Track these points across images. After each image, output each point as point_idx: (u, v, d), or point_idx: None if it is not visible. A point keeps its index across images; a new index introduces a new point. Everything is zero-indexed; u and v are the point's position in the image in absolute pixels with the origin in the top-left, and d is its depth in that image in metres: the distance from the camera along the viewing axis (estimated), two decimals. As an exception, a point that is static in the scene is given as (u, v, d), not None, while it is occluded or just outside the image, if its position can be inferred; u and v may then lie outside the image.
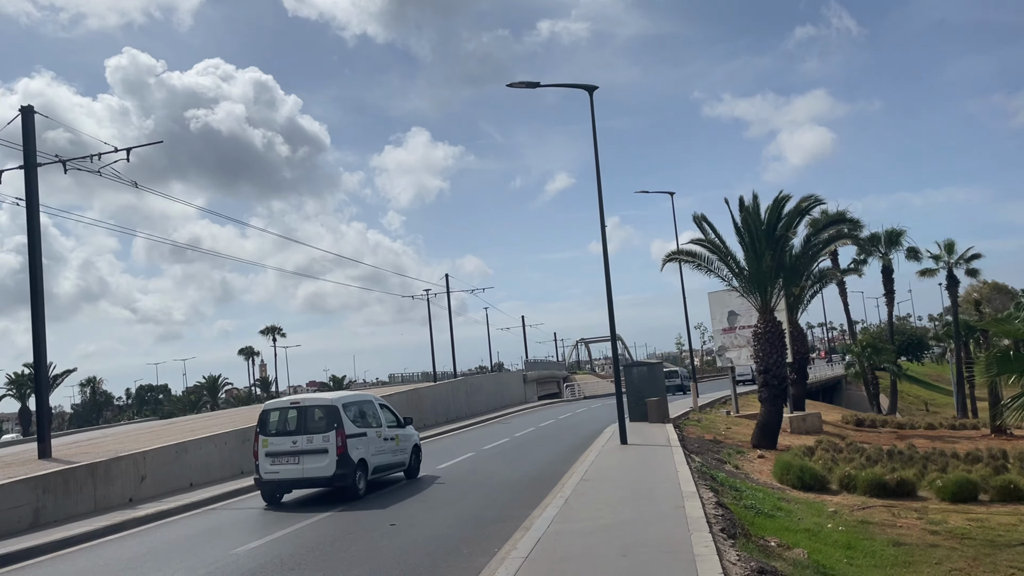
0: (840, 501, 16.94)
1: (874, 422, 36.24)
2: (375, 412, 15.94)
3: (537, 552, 8.13)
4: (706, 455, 20.91)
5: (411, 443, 17.06)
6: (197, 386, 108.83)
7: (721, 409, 36.72)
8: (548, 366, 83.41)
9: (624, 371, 29.90)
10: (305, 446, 14.08)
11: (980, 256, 41.90)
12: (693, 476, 13.50)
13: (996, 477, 16.99)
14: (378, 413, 16.04)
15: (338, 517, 12.41)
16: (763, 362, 25.39)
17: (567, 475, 14.83)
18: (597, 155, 20.68)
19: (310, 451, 14.02)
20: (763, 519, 12.53)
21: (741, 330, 33.24)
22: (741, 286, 26.27)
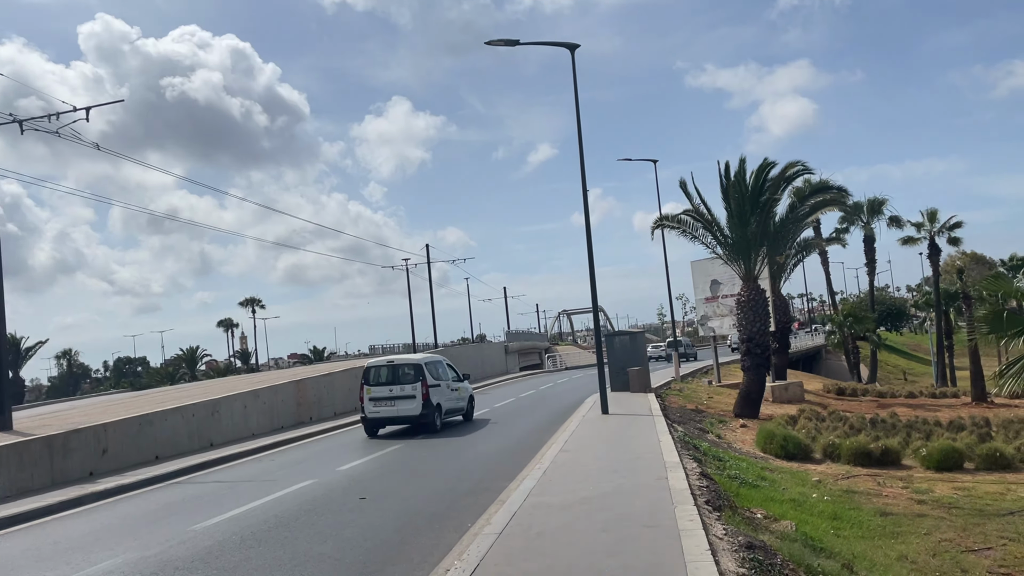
0: (824, 470, 16.64)
1: (855, 391, 36.20)
2: (444, 370, 20.22)
3: (512, 527, 7.62)
4: (688, 425, 20.57)
5: (468, 394, 21.37)
6: (175, 358, 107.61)
7: (703, 379, 36.51)
8: (530, 337, 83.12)
9: (606, 341, 29.44)
10: (398, 393, 18.50)
11: (962, 224, 41.79)
12: (676, 446, 13.07)
13: (981, 445, 16.76)
14: (447, 371, 20.32)
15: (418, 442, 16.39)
16: (746, 331, 25.04)
17: (546, 446, 14.37)
18: (579, 116, 19.98)
19: (402, 397, 18.45)
20: (747, 489, 12.14)
21: (724, 299, 32.89)
22: (725, 253, 25.83)
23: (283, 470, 14.41)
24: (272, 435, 20.34)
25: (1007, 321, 11.17)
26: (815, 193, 24.80)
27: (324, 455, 16.41)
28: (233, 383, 31.28)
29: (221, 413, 19.58)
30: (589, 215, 19.96)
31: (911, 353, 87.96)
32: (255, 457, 16.91)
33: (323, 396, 25.57)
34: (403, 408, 18.42)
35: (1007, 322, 11.15)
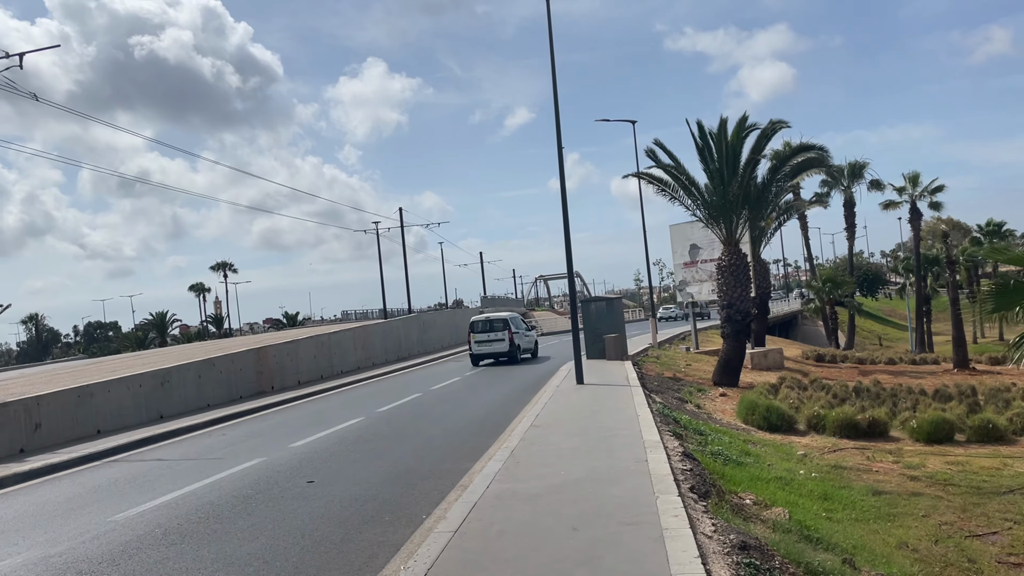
0: (809, 443, 15.86)
1: (834, 357, 35.69)
2: (520, 323, 29.59)
3: (470, 523, 6.60)
4: (666, 394, 19.72)
5: (535, 339, 31.03)
6: (146, 323, 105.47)
7: (680, 345, 35.78)
8: (506, 303, 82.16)
9: (582, 307, 28.47)
10: (493, 337, 27.73)
11: (944, 188, 41.07)
12: (655, 420, 12.13)
13: (972, 416, 16.04)
14: (521, 323, 29.63)
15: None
16: (727, 296, 24.16)
17: (517, 419, 13.38)
18: (554, 77, 18.65)
19: (496, 340, 27.68)
20: (732, 468, 11.24)
21: (703, 264, 32.01)
22: (705, 216, 24.83)
23: (231, 447, 13.30)
24: (228, 406, 19.21)
25: (1014, 290, 10.22)
26: (797, 153, 23.75)
27: (279, 429, 15.31)
28: (193, 350, 30.01)
29: (172, 383, 18.36)
30: (564, 179, 18.82)
31: (886, 318, 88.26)
32: (206, 431, 15.79)
33: (286, 364, 24.41)
34: (496, 347, 27.65)
35: (1014, 291, 10.20)
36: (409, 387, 21.98)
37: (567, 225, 18.75)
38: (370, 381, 25.66)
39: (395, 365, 31.60)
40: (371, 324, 36.43)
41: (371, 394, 21.29)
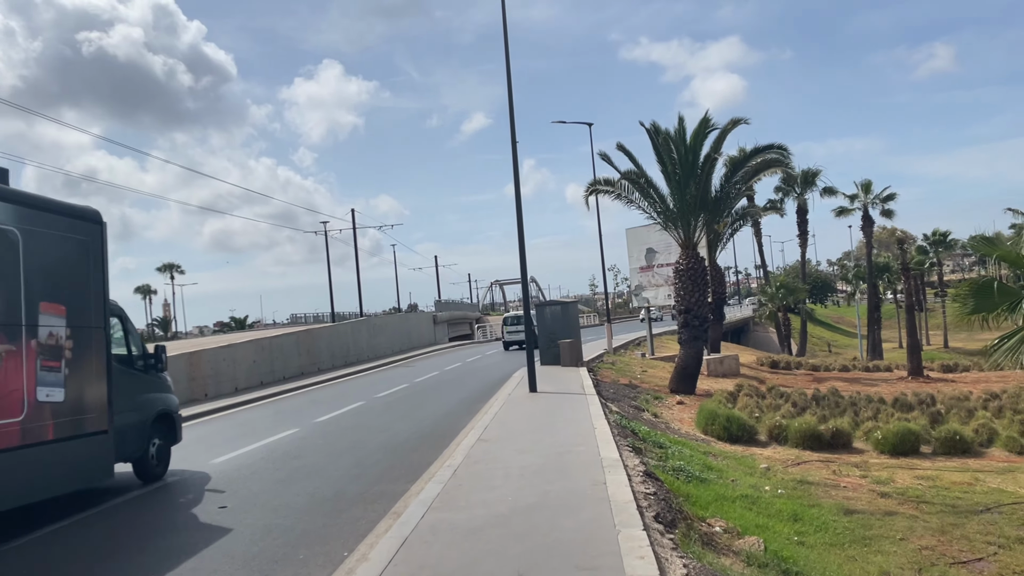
0: (771, 455, 15.11)
1: (789, 364, 35.38)
2: None
3: (396, 567, 5.53)
4: (623, 402, 18.86)
5: None
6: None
7: (636, 351, 35.10)
8: (461, 307, 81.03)
9: (536, 311, 27.53)
10: (518, 328, 35.79)
11: (895, 196, 41.23)
12: (613, 434, 11.18)
13: (938, 427, 15.49)
14: None
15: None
16: (684, 301, 23.45)
17: (464, 432, 12.32)
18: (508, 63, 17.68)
19: (520, 330, 34.14)
20: (696, 486, 10.35)
21: (659, 268, 31.38)
22: (662, 219, 24.10)
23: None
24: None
25: (999, 293, 9.53)
26: (757, 153, 23.14)
27: (203, 442, 13.98)
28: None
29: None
30: (519, 179, 17.85)
31: (835, 325, 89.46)
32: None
33: (222, 370, 22.93)
34: (519, 336, 35.99)
35: (999, 294, 9.51)
36: (353, 394, 20.74)
37: (521, 227, 17.80)
38: (313, 388, 24.33)
39: (342, 371, 30.26)
40: (317, 328, 34.95)
41: (312, 402, 20.02)
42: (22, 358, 7.72)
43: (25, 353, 7.76)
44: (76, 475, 8.69)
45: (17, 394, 7.61)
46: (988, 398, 20.02)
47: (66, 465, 8.41)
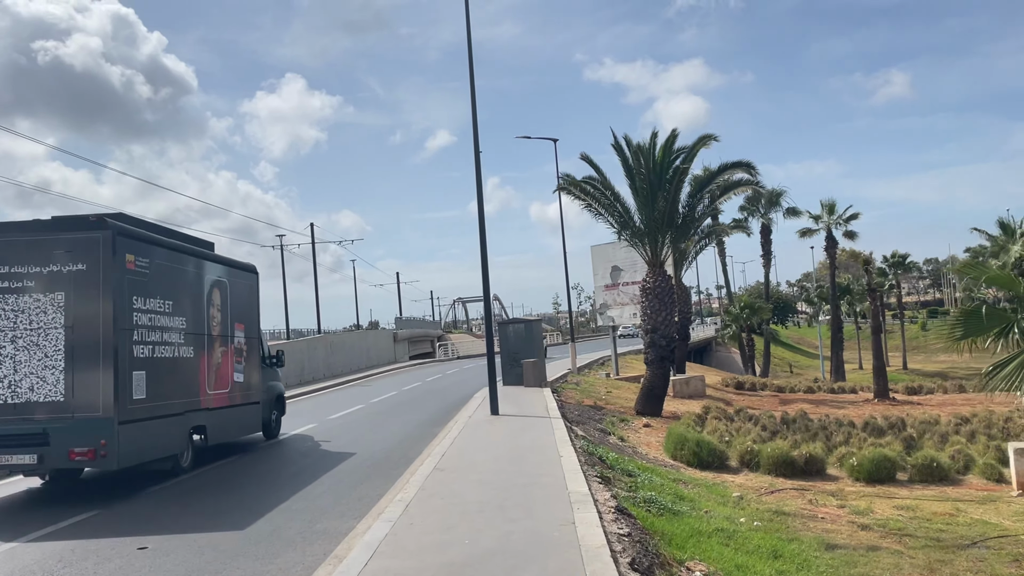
0: (744, 482, 14.44)
1: (754, 385, 35.02)
2: None
3: (330, 632, 4.64)
4: (588, 425, 18.10)
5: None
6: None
7: (600, 371, 34.42)
8: (422, 325, 79.75)
9: (499, 329, 26.72)
10: None
11: (858, 216, 41.38)
12: (580, 462, 10.39)
13: (914, 454, 14.96)
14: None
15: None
16: (651, 320, 22.83)
17: (419, 460, 11.42)
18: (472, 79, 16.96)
19: None
20: (669, 520, 9.58)
21: (625, 286, 30.79)
22: (629, 235, 23.52)
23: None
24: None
25: (987, 317, 8.99)
26: (725, 170, 22.67)
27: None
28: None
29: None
30: (482, 195, 17.10)
31: (796, 346, 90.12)
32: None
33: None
34: None
35: (987, 318, 8.97)
36: (304, 416, 19.66)
37: (483, 243, 17.03)
38: None
39: (296, 390, 29.02)
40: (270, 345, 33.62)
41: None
42: (229, 355, 13.13)
43: (231, 352, 13.18)
44: (246, 426, 14.18)
45: (227, 376, 13.00)
46: (959, 422, 19.67)
47: (243, 419, 13.86)
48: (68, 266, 9.73)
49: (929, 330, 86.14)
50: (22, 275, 9.72)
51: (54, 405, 9.48)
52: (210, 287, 12.61)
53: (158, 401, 10.58)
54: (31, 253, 9.76)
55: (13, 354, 9.56)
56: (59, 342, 9.55)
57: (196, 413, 11.86)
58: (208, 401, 12.27)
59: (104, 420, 9.48)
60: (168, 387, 10.93)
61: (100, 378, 9.54)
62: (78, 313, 9.64)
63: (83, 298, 9.68)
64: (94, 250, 9.77)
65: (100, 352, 9.59)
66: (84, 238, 9.85)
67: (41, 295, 9.66)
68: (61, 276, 9.69)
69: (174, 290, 11.34)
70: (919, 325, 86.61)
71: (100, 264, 9.75)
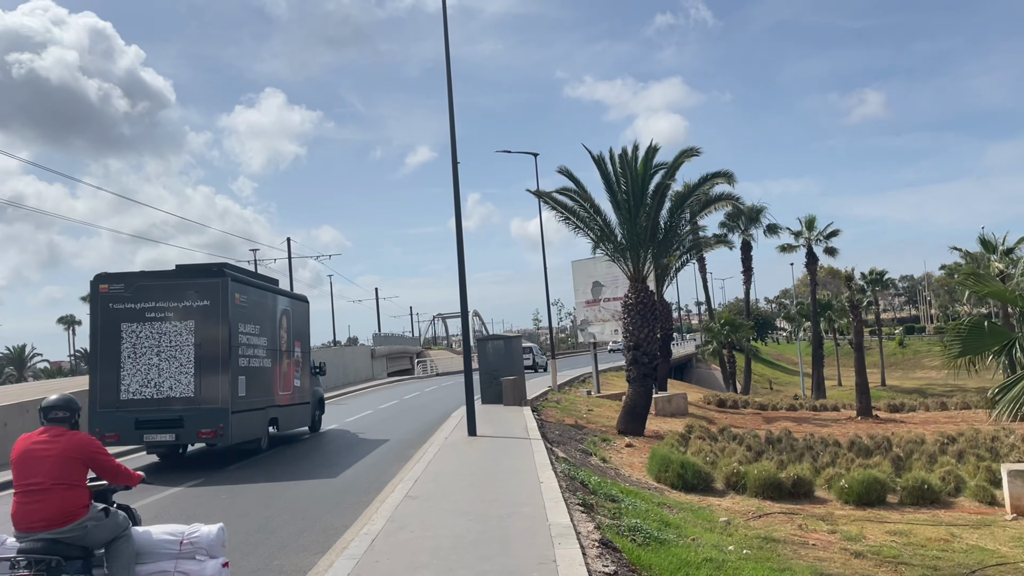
0: (730, 506, 13.92)
1: (736, 403, 34.62)
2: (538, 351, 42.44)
3: None
4: (569, 446, 17.53)
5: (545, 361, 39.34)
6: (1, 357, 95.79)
7: (581, 388, 33.88)
8: (401, 341, 78.76)
9: (477, 346, 26.14)
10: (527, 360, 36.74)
11: (839, 233, 41.32)
12: (561, 487, 9.82)
13: (905, 475, 14.53)
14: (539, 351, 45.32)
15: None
16: (633, 336, 22.34)
17: (390, 486, 10.79)
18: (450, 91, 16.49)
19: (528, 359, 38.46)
20: (655, 550, 9.02)
21: (606, 302, 30.32)
22: (611, 249, 23.07)
23: None
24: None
25: (989, 334, 8.55)
26: (706, 181, 22.24)
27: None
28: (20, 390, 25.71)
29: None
30: (460, 206, 16.58)
31: (775, 363, 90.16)
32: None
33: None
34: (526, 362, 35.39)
35: (989, 336, 8.54)
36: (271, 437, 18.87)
37: (461, 257, 16.48)
38: None
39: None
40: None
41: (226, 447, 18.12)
42: (292, 366, 16.90)
43: (293, 363, 16.95)
44: (301, 421, 18.15)
45: (290, 381, 16.78)
46: (945, 441, 19.32)
47: (300, 415, 17.88)
48: (197, 302, 13.50)
49: (906, 346, 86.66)
50: (165, 308, 13.47)
51: (187, 399, 13.28)
52: (280, 314, 16.58)
53: (252, 398, 14.65)
54: (171, 293, 13.53)
55: (158, 364, 13.34)
56: (190, 355, 13.38)
57: (273, 408, 15.97)
58: (280, 400, 16.32)
59: (222, 410, 13.37)
60: (257, 388, 14.94)
61: (219, 380, 13.40)
62: (203, 335, 13.44)
63: (207, 324, 13.46)
64: (215, 291, 13.59)
65: (219, 362, 13.42)
66: (208, 282, 13.69)
67: (178, 322, 13.45)
68: (192, 309, 13.50)
69: (260, 317, 15.19)
70: (896, 342, 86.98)
71: (219, 300, 13.56)
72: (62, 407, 4.95)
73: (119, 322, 13.54)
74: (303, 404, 18.10)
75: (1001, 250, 27.98)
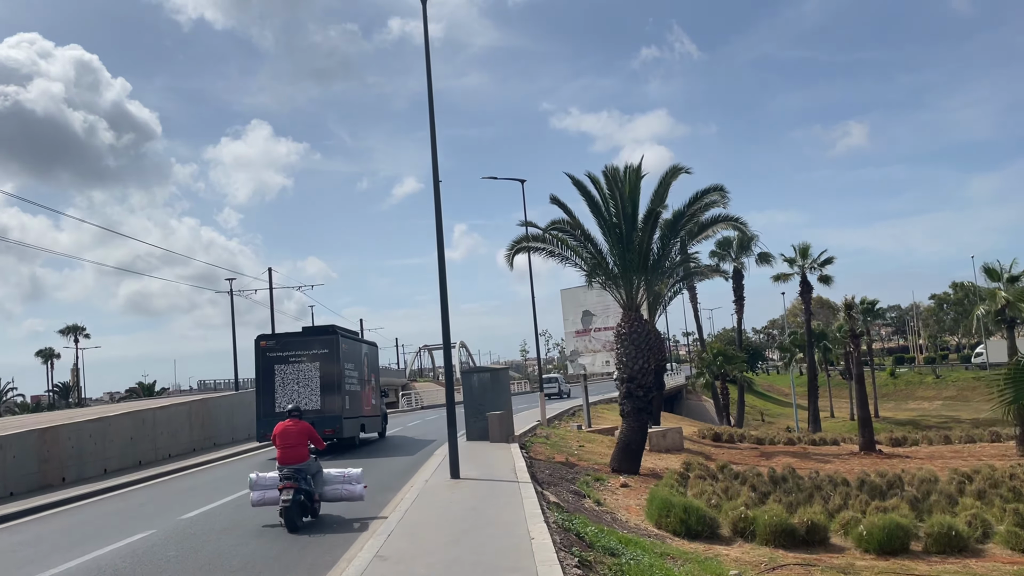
0: (740, 555, 12.63)
1: (732, 437, 33.35)
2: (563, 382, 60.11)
3: None
4: (560, 487, 16.22)
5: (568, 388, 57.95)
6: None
7: (571, 422, 32.54)
8: (387, 373, 77.05)
9: (462, 378, 24.87)
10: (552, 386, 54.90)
11: (833, 260, 40.40)
12: (555, 545, 8.53)
13: (929, 520, 13.30)
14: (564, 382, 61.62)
15: None
16: (627, 368, 21.12)
17: (357, 543, 9.45)
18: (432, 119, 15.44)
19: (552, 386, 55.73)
20: (666, 619, 7.78)
21: (597, 332, 29.35)
22: (602, 279, 21.93)
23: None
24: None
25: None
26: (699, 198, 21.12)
27: (19, 552, 10.65)
28: None
29: None
30: (441, 228, 15.45)
31: (766, 394, 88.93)
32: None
33: (87, 449, 19.31)
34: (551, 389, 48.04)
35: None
36: (235, 481, 17.42)
37: (443, 283, 15.29)
38: (202, 468, 20.86)
39: (243, 446, 26.64)
40: (215, 397, 31.23)
41: (190, 489, 16.70)
42: (371, 391, 25.29)
43: (371, 389, 25.28)
44: (376, 428, 26.15)
45: (370, 400, 25.04)
46: (961, 479, 18.12)
47: (376, 424, 26.16)
48: (319, 350, 21.27)
49: (898, 377, 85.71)
50: (300, 355, 21.28)
51: (316, 410, 20.58)
52: (364, 356, 24.68)
53: (352, 411, 22.19)
54: (304, 345, 21.39)
55: (298, 389, 20.98)
56: (317, 383, 21.14)
57: (362, 417, 23.60)
58: (365, 412, 24.09)
59: (337, 417, 21.03)
60: (354, 405, 22.58)
61: (335, 399, 21.17)
62: (324, 371, 21.21)
63: (326, 364, 21.25)
64: (330, 343, 21.39)
65: (334, 387, 21.19)
66: (326, 338, 21.59)
67: (309, 363, 21.24)
68: (317, 355, 21.25)
69: (354, 359, 23.09)
70: (888, 372, 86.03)
71: (334, 349, 21.34)
72: (296, 411, 11.41)
73: (273, 364, 21.37)
74: (377, 417, 26.41)
75: (1006, 278, 27.15)
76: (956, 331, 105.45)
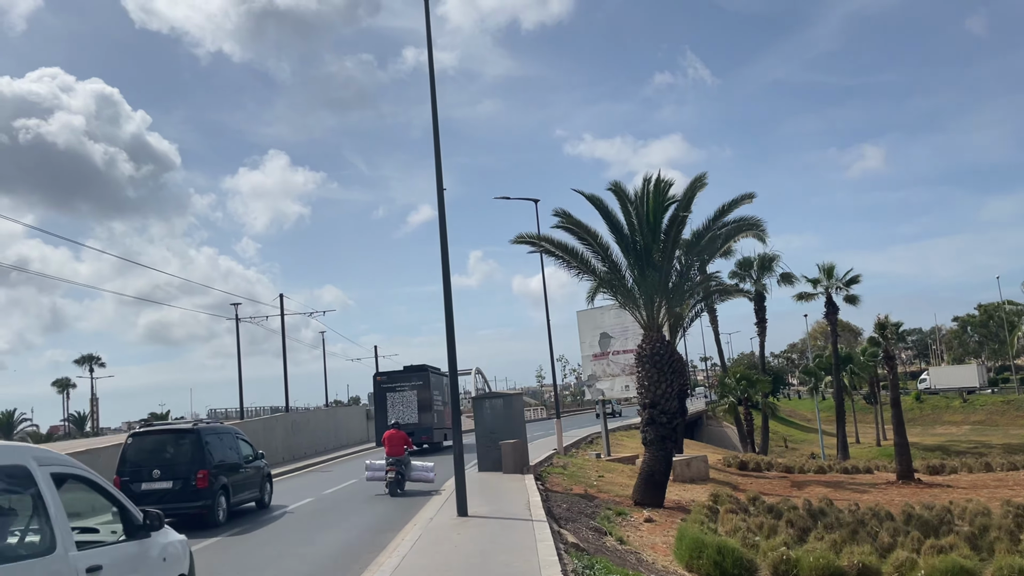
0: (783, 604, 11.21)
1: (759, 465, 31.68)
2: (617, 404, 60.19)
3: None
4: (579, 523, 14.83)
5: None
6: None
7: (590, 450, 31.06)
8: (398, 400, 75.75)
9: (474, 404, 23.57)
10: None
11: (859, 280, 38.79)
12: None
13: (997, 560, 11.81)
14: None
15: None
16: (649, 393, 19.69)
17: None
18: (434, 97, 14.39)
19: None
20: None
21: (616, 355, 27.76)
22: (621, 297, 20.61)
23: None
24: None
25: None
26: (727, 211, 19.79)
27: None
28: None
29: None
30: (446, 243, 14.33)
31: (788, 419, 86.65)
32: None
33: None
34: None
35: None
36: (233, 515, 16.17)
37: (448, 303, 14.12)
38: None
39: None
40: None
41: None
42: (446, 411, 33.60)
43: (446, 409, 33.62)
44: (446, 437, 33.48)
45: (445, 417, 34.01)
46: (1017, 513, 16.52)
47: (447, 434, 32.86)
48: (416, 382, 33.31)
49: (923, 401, 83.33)
50: (404, 386, 33.26)
51: (414, 424, 31.25)
52: (444, 384, 32.72)
53: (438, 424, 33.30)
54: (406, 379, 33.57)
55: (402, 410, 32.22)
56: (415, 406, 32.78)
57: (443, 428, 33.32)
58: (444, 425, 33.22)
59: (430, 428, 32.52)
60: (439, 419, 33.37)
61: (428, 415, 32.78)
62: (420, 396, 33.01)
63: (422, 392, 33.11)
64: (424, 377, 33.40)
65: (428, 408, 32.83)
66: (421, 373, 33.63)
67: (410, 392, 33.10)
68: (415, 385, 33.21)
69: (438, 387, 34.17)
70: (913, 396, 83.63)
71: (427, 381, 33.35)
72: (396, 424, 19.94)
73: (385, 393, 32.91)
74: (448, 428, 29.75)
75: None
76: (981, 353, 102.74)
